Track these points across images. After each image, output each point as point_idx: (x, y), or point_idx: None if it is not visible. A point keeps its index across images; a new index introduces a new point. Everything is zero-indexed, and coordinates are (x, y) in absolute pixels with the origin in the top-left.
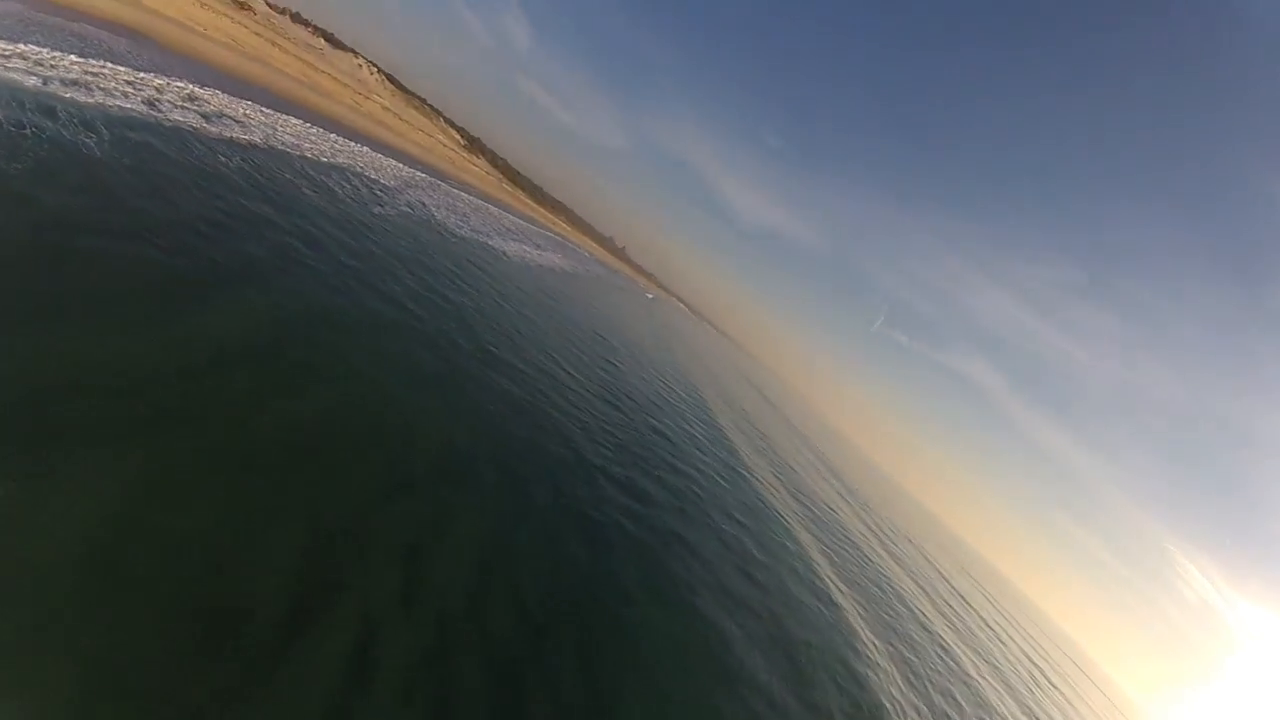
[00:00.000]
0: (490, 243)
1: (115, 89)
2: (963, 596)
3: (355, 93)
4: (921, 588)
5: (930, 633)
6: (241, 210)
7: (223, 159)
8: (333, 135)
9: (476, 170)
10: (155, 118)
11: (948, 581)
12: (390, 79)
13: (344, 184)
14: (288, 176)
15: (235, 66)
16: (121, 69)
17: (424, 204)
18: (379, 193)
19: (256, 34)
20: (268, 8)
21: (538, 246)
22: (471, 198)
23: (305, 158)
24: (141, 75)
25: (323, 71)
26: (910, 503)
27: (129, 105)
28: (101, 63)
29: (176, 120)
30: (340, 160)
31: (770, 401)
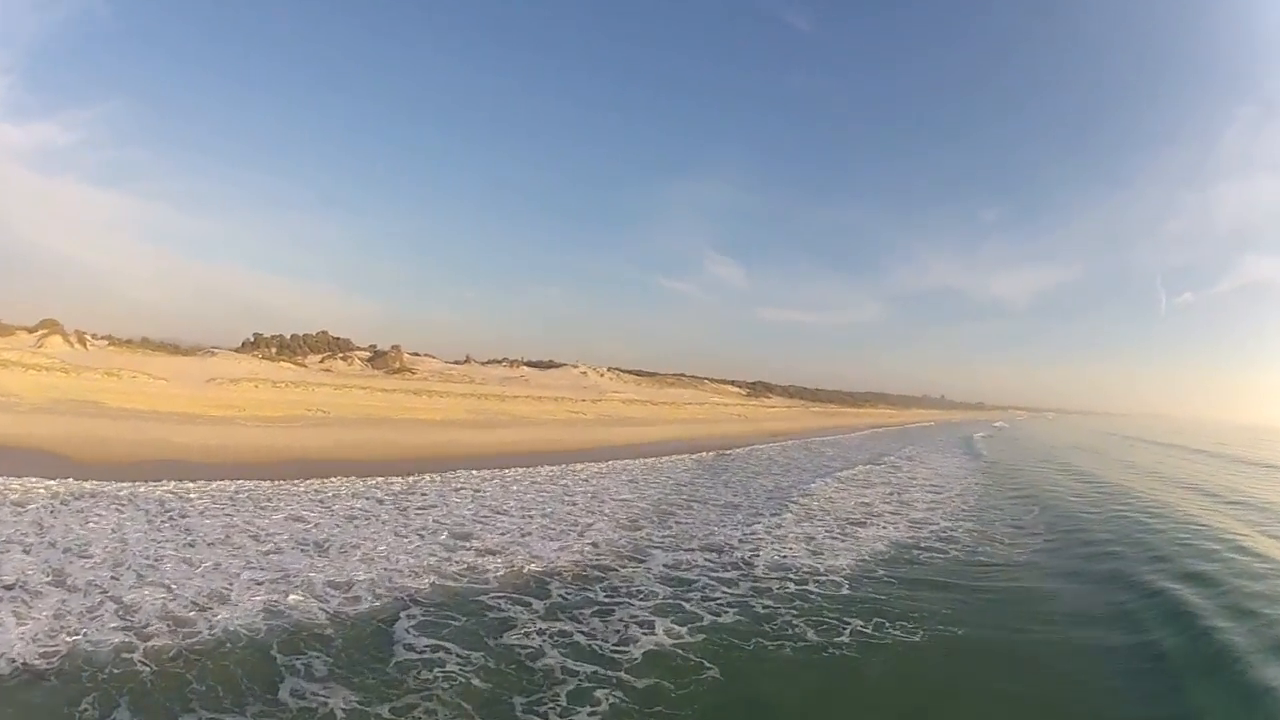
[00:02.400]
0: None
1: None
2: None
3: (579, 401)
4: None
5: None
6: None
7: None
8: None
9: (773, 410)
10: None
11: None
12: (628, 372)
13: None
14: None
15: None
16: None
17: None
18: None
19: (410, 394)
20: (444, 365)
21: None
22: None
23: None
24: None
25: (517, 397)
26: None
27: None
28: None
29: None
30: None
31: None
